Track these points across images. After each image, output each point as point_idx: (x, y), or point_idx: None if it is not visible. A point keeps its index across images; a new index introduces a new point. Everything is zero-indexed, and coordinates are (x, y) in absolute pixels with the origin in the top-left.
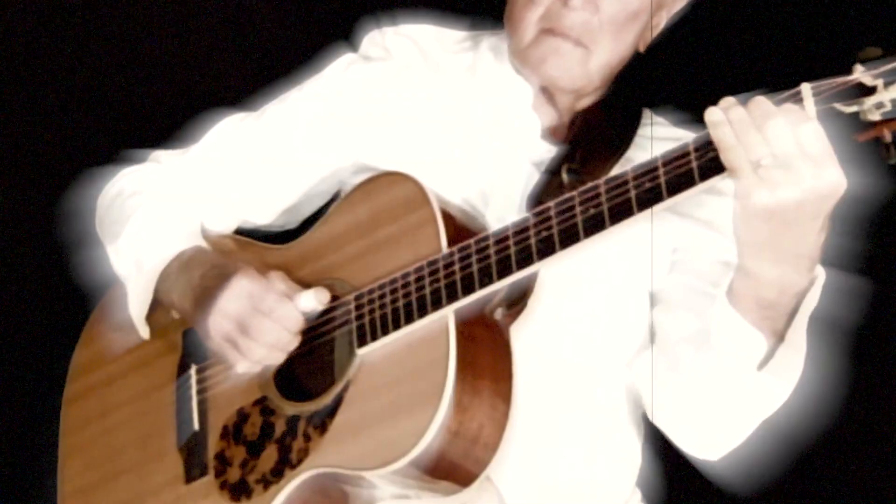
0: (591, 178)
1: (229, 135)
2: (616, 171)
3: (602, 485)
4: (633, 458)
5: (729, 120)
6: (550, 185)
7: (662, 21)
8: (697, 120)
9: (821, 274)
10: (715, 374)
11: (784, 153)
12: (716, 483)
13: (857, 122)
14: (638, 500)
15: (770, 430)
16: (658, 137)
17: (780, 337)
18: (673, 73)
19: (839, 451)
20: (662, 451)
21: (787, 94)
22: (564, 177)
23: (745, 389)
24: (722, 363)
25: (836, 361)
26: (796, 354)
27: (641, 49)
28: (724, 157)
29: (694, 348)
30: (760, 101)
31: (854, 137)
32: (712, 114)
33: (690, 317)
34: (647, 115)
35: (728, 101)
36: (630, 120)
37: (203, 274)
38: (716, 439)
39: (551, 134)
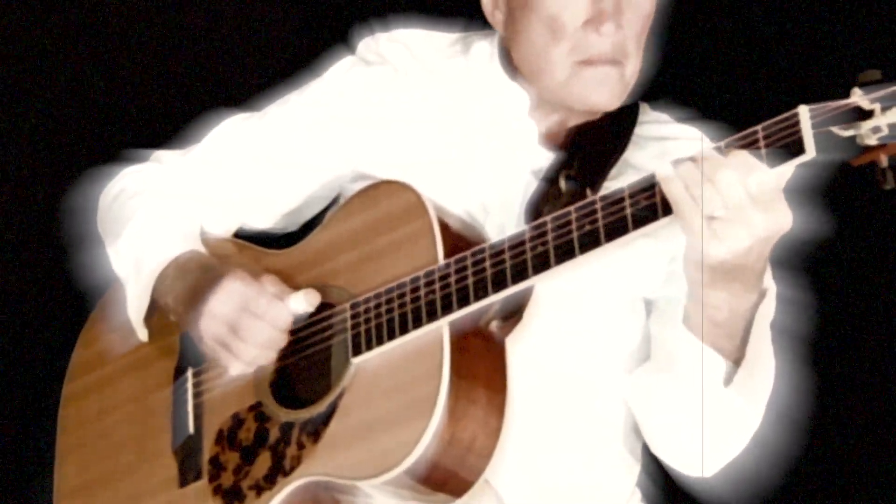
0: (589, 183)
1: (231, 136)
2: (614, 172)
3: (601, 488)
4: (632, 460)
5: (680, 175)
6: (549, 193)
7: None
8: (700, 116)
9: (771, 286)
10: (683, 395)
11: (735, 204)
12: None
13: (854, 147)
14: (638, 501)
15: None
16: (656, 137)
17: (738, 354)
18: (673, 68)
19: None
20: None
21: (781, 117)
22: (562, 184)
23: (715, 408)
24: (687, 384)
25: (802, 370)
26: (761, 368)
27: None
28: (677, 211)
29: (664, 369)
30: (707, 154)
31: (850, 162)
32: (663, 170)
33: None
34: (646, 112)
35: (678, 159)
36: (626, 119)
37: (197, 277)
38: (699, 457)
39: (549, 140)
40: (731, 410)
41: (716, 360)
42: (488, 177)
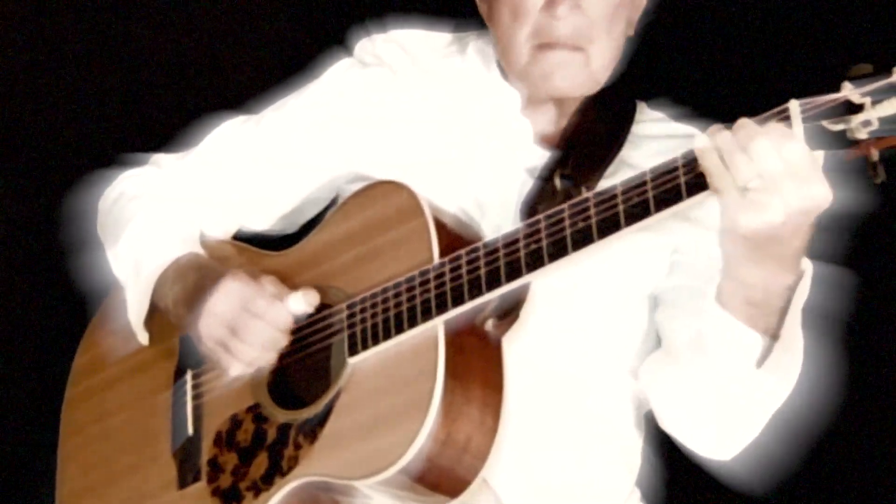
0: (584, 182)
1: (229, 139)
2: (609, 170)
3: (599, 486)
4: (631, 459)
5: (715, 146)
6: (544, 191)
7: None
8: (695, 114)
9: (808, 267)
10: (714, 376)
11: (770, 173)
12: (720, 480)
13: (845, 140)
14: (637, 500)
15: (776, 428)
16: (653, 135)
17: (774, 334)
18: (668, 66)
19: (841, 445)
20: (662, 450)
21: (772, 112)
22: (557, 183)
23: (745, 389)
24: (719, 365)
25: (832, 355)
26: (793, 350)
27: (630, 32)
28: (712, 183)
29: (692, 351)
30: (744, 123)
31: (841, 156)
32: (699, 141)
33: (690, 318)
34: (642, 110)
35: (715, 127)
36: (623, 117)
37: (196, 279)
38: (723, 439)
39: (544, 139)
40: (760, 391)
41: (753, 339)
42: (484, 176)
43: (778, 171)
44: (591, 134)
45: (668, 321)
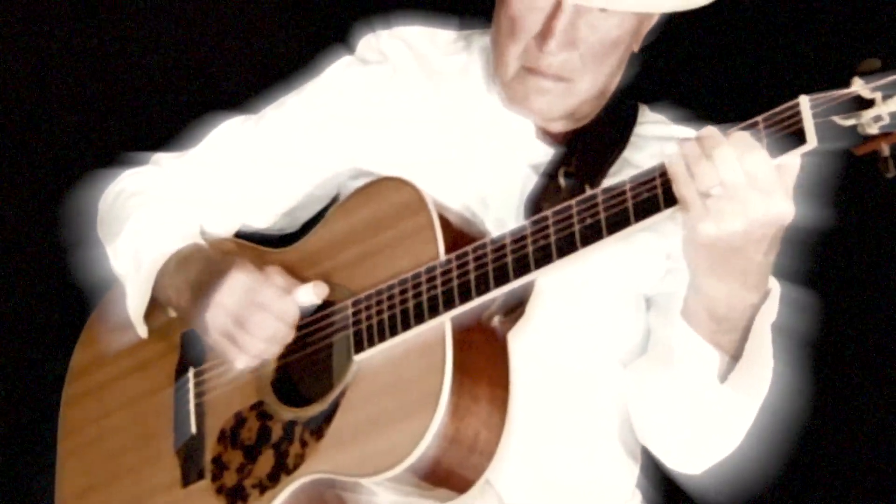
0: (587, 180)
1: (229, 138)
2: (612, 170)
3: (602, 487)
4: (633, 459)
5: (682, 153)
6: (548, 188)
7: (654, 21)
8: (696, 117)
9: (775, 287)
10: (680, 387)
11: (731, 181)
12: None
13: (855, 136)
14: (638, 502)
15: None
16: (655, 137)
17: (736, 353)
18: (670, 70)
19: (813, 460)
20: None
21: (782, 107)
22: (561, 180)
23: (708, 402)
24: (684, 377)
25: (800, 373)
26: (758, 368)
27: (636, 49)
28: (675, 189)
29: (661, 361)
30: (711, 132)
31: (852, 151)
32: (670, 148)
33: (667, 328)
34: (644, 113)
35: (685, 136)
36: (625, 119)
37: (200, 270)
38: (692, 452)
39: (546, 135)
40: (724, 407)
41: (712, 354)
42: (487, 171)
43: (739, 181)
44: (594, 133)
45: (656, 325)
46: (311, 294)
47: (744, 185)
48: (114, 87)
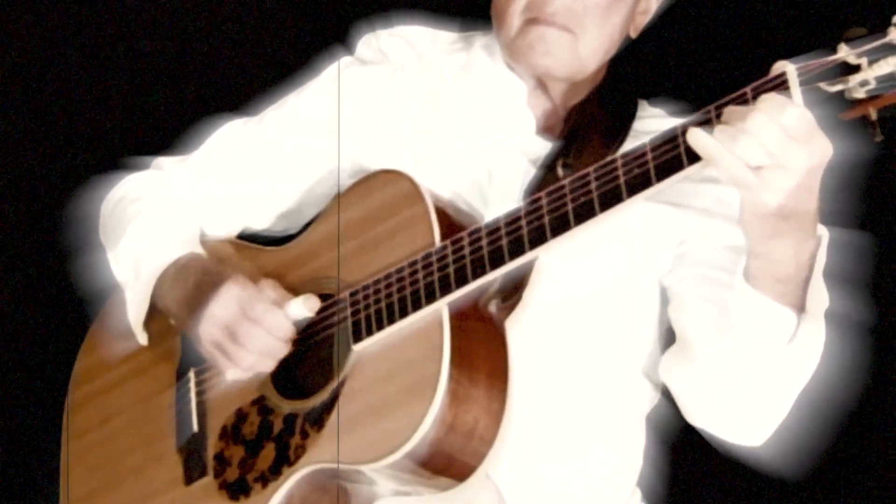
0: None
1: (231, 140)
2: None
3: (602, 483)
4: (633, 456)
5: (717, 139)
6: (546, 180)
7: (653, 5)
8: (694, 110)
9: (824, 233)
10: (744, 357)
11: (776, 145)
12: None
13: (843, 101)
14: (638, 500)
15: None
16: (653, 131)
17: (801, 307)
18: (667, 63)
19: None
20: (663, 450)
21: (769, 77)
22: (560, 172)
23: (776, 367)
24: (750, 345)
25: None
26: (818, 319)
27: (633, 35)
28: (721, 171)
29: (717, 335)
30: (730, 109)
31: (839, 116)
32: (693, 135)
33: (707, 306)
34: (643, 107)
35: (693, 128)
36: (624, 113)
37: (196, 280)
38: (754, 422)
39: (546, 130)
40: (789, 367)
41: (788, 316)
42: (486, 165)
43: (782, 140)
44: (593, 126)
45: (680, 312)
46: (302, 308)
47: (788, 143)
48: (116, 91)
